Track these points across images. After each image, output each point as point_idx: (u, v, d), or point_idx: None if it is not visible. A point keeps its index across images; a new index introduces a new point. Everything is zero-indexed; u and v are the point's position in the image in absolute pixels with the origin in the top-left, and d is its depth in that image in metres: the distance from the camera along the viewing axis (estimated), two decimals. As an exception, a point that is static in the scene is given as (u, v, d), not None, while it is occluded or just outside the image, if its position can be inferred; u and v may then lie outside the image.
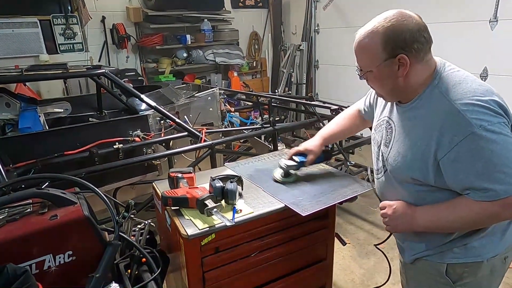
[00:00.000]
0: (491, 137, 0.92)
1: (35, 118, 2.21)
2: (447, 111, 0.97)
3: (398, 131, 1.12)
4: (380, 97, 1.20)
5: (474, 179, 0.94)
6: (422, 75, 1.04)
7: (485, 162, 0.93)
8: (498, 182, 0.92)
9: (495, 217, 0.99)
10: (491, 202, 0.94)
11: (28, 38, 4.12)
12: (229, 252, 1.22)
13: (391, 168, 1.14)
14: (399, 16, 1.00)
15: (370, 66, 1.05)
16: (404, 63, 1.00)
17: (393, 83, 1.05)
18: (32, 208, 1.07)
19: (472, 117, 0.93)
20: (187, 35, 4.96)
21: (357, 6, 4.81)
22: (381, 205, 1.18)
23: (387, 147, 1.15)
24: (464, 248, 1.09)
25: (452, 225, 1.05)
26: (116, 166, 1.93)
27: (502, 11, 3.59)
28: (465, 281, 1.12)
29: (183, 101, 2.72)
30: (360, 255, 2.68)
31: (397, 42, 0.98)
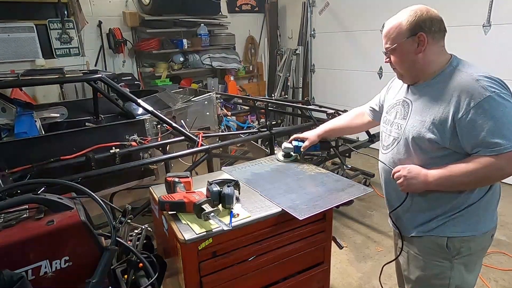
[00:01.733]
0: (502, 101, 1.11)
1: (31, 123, 2.20)
2: (464, 80, 1.17)
3: (416, 105, 1.28)
4: (400, 78, 1.36)
5: (486, 134, 1.10)
6: (439, 58, 1.25)
7: (495, 120, 1.09)
8: (505, 138, 1.08)
9: (499, 171, 1.12)
10: (498, 156, 1.09)
11: (24, 42, 4.12)
12: (227, 257, 1.22)
13: (408, 135, 1.27)
14: (422, 9, 1.23)
15: (394, 43, 1.25)
16: (422, 40, 1.20)
17: (413, 59, 1.24)
18: (28, 213, 1.07)
19: (487, 85, 1.12)
20: (184, 39, 4.97)
21: (353, 11, 4.85)
22: (396, 169, 1.29)
23: (405, 119, 1.30)
24: (464, 222, 1.25)
25: (462, 179, 1.17)
26: (113, 171, 1.92)
27: (495, 16, 3.64)
28: (462, 255, 1.28)
29: (180, 105, 2.72)
30: (357, 259, 2.68)
31: (419, 23, 1.20)
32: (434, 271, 1.33)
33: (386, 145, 1.40)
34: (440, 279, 1.33)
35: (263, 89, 6.29)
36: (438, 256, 1.31)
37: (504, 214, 3.21)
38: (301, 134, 1.73)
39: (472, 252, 1.29)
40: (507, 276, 2.42)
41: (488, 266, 2.52)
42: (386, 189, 1.44)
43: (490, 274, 2.45)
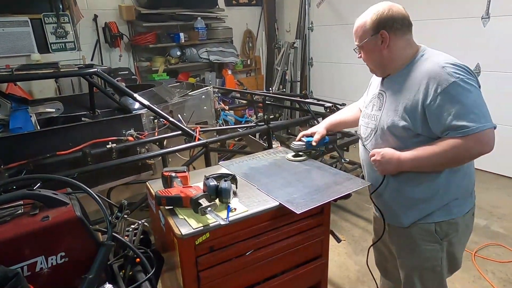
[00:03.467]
0: (467, 86, 1.18)
1: (26, 118, 2.19)
2: (431, 67, 1.23)
3: (389, 95, 1.37)
4: (372, 72, 1.45)
5: (453, 118, 1.17)
6: (405, 51, 1.32)
7: (461, 105, 1.16)
8: (471, 121, 1.15)
9: (467, 151, 1.19)
10: (466, 137, 1.16)
11: (19, 37, 4.08)
12: (224, 251, 1.21)
13: (383, 124, 1.34)
14: (385, 6, 1.30)
15: (361, 42, 1.35)
16: (385, 37, 1.29)
17: (380, 55, 1.33)
18: (23, 209, 1.06)
19: (452, 71, 1.19)
20: (181, 33, 4.93)
21: (351, 3, 4.81)
22: (371, 153, 1.37)
23: (380, 110, 1.38)
24: (447, 207, 1.35)
25: (433, 160, 1.25)
26: (110, 166, 1.92)
27: (494, 8, 3.62)
28: (449, 237, 1.38)
29: (177, 99, 2.71)
30: (355, 252, 2.69)
31: (381, 23, 1.29)
32: (426, 255, 1.41)
33: (365, 137, 1.48)
34: (432, 261, 1.42)
35: (261, 83, 6.27)
36: (428, 241, 1.39)
37: (500, 206, 3.22)
38: (307, 131, 1.70)
39: (459, 232, 1.39)
40: (505, 268, 2.44)
41: (486, 258, 2.53)
42: (368, 175, 1.53)
43: (487, 266, 2.46)
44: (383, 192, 1.44)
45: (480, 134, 1.16)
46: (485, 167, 3.93)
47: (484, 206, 3.24)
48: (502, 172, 3.82)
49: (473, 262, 2.49)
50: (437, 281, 1.46)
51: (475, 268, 2.44)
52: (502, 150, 4.12)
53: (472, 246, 2.66)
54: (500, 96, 3.70)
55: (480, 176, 3.78)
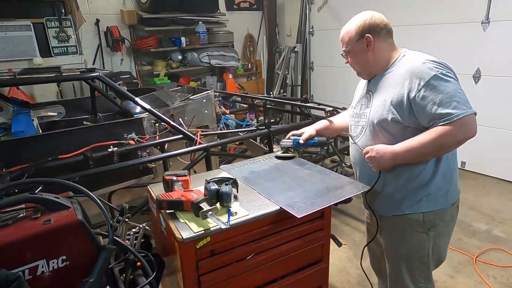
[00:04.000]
0: (447, 78, 1.28)
1: (28, 122, 2.20)
2: (413, 64, 1.34)
3: (376, 93, 1.45)
4: (359, 75, 1.56)
5: (437, 107, 1.25)
6: (389, 53, 1.43)
7: (443, 94, 1.26)
8: (454, 108, 1.24)
9: (453, 137, 1.26)
10: (450, 124, 1.24)
11: (22, 41, 4.10)
12: (225, 255, 1.21)
13: (373, 120, 1.41)
14: (369, 14, 1.43)
15: (348, 46, 1.45)
16: (370, 41, 1.40)
17: (365, 57, 1.43)
18: (25, 213, 1.07)
19: (432, 66, 1.29)
20: (182, 37, 4.96)
21: (352, 8, 4.82)
22: (364, 151, 1.42)
23: (368, 108, 1.47)
24: (434, 197, 1.41)
25: (423, 150, 1.31)
26: (111, 170, 1.92)
27: (494, 13, 3.63)
28: (436, 227, 1.44)
29: (178, 103, 2.72)
30: (356, 256, 2.68)
31: (365, 27, 1.40)
32: (414, 244, 1.47)
33: (355, 135, 1.54)
34: (420, 251, 1.48)
35: (262, 87, 6.28)
36: (416, 231, 1.45)
37: (502, 210, 3.21)
38: (298, 131, 1.76)
39: (445, 223, 1.47)
40: (506, 273, 2.43)
41: (487, 263, 2.52)
42: (360, 173, 1.56)
43: (489, 271, 2.45)
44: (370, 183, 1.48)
45: (463, 120, 1.24)
46: (487, 171, 3.92)
47: (485, 210, 3.23)
48: (503, 176, 3.81)
49: (475, 267, 2.49)
50: (424, 273, 1.51)
51: (476, 273, 2.43)
52: (504, 154, 4.14)
53: (473, 250, 2.66)
54: (500, 100, 3.70)
55: (482, 180, 3.79)
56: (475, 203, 3.35)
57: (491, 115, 3.70)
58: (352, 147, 1.58)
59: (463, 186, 1.49)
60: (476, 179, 3.90)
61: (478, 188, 3.66)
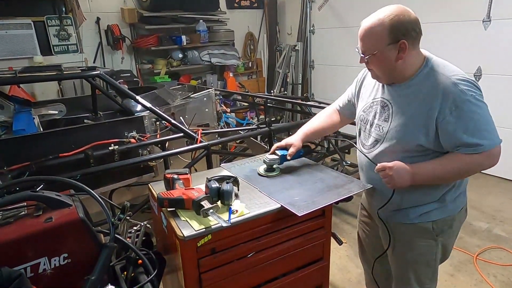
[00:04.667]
0: (479, 103, 1.20)
1: (29, 120, 2.20)
2: (443, 83, 1.21)
3: (396, 107, 1.32)
4: (375, 78, 1.38)
5: (467, 136, 1.19)
6: (415, 61, 1.27)
7: (474, 123, 1.19)
8: (484, 138, 1.19)
9: (479, 166, 1.24)
10: (478, 154, 1.20)
11: (22, 39, 4.09)
12: (226, 253, 1.21)
13: (392, 138, 1.31)
14: (401, 10, 1.21)
15: (375, 50, 1.23)
16: (404, 48, 1.21)
17: (392, 65, 1.25)
18: (26, 210, 1.07)
19: (465, 89, 1.19)
20: (183, 36, 4.95)
21: (352, 6, 4.83)
22: (380, 166, 1.29)
23: (386, 122, 1.34)
24: (444, 206, 1.37)
25: (445, 175, 1.28)
26: (112, 168, 1.92)
27: (495, 11, 3.62)
28: (444, 233, 1.41)
29: (179, 102, 2.72)
30: (356, 255, 2.66)
31: (401, 30, 1.20)
32: (422, 251, 1.44)
33: (368, 144, 1.44)
34: (427, 256, 1.45)
35: (263, 85, 6.28)
36: (424, 237, 1.42)
37: (503, 210, 3.21)
38: (282, 142, 1.60)
39: (453, 228, 1.43)
40: (506, 271, 2.43)
41: (488, 262, 2.52)
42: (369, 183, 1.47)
43: (489, 269, 2.45)
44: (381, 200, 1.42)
45: (491, 151, 1.20)
46: (488, 170, 3.88)
47: (486, 209, 3.23)
48: (505, 175, 3.81)
49: (475, 265, 2.49)
50: (430, 274, 1.50)
51: (477, 272, 2.43)
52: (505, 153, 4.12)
53: (474, 249, 2.66)
54: (502, 99, 3.70)
55: (483, 180, 3.79)
56: (476, 202, 3.35)
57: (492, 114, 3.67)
58: (360, 154, 1.49)
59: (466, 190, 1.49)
60: (478, 178, 3.89)
61: (480, 187, 3.65)
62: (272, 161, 1.54)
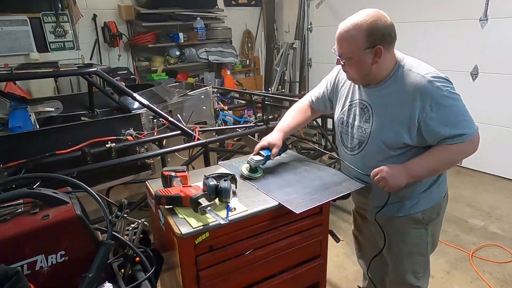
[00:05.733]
0: (455, 97, 1.26)
1: (25, 117, 2.18)
2: (419, 81, 1.26)
3: (376, 108, 1.36)
4: (351, 80, 1.42)
5: (449, 129, 1.25)
6: (390, 63, 1.32)
7: (454, 115, 1.26)
8: (464, 128, 1.26)
9: (464, 153, 1.31)
10: (463, 143, 1.26)
11: (18, 36, 4.06)
12: (224, 251, 1.22)
13: (376, 138, 1.36)
14: (378, 15, 1.24)
15: (352, 54, 1.27)
16: (379, 52, 1.25)
17: (368, 68, 1.29)
18: (23, 208, 1.06)
19: (440, 85, 1.24)
20: (180, 33, 4.93)
21: (350, 4, 4.83)
22: (373, 173, 1.34)
23: (367, 123, 1.39)
24: (430, 195, 1.45)
25: (438, 167, 1.36)
26: (109, 165, 1.91)
27: (492, 10, 3.64)
28: (432, 221, 1.49)
29: (176, 99, 2.71)
30: (353, 252, 2.68)
31: (377, 36, 1.23)
32: (415, 241, 1.51)
33: (351, 147, 1.49)
34: (420, 245, 1.52)
35: (260, 83, 6.27)
36: (416, 228, 1.49)
37: (499, 207, 3.24)
38: (264, 142, 1.57)
39: (440, 216, 1.52)
40: (501, 268, 2.45)
41: (483, 259, 2.54)
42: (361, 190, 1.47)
43: (485, 267, 2.47)
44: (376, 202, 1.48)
45: (472, 138, 1.28)
46: (484, 168, 3.94)
47: (482, 207, 3.25)
48: (501, 173, 3.83)
49: (471, 263, 2.51)
50: (423, 263, 1.57)
51: (472, 269, 2.45)
52: (501, 151, 4.16)
53: (469, 246, 2.68)
54: (498, 97, 3.72)
55: (479, 177, 3.81)
56: (472, 200, 3.37)
57: (488, 112, 3.71)
58: (347, 157, 1.51)
59: (460, 183, 1.53)
60: (473, 176, 3.92)
61: (475, 185, 3.68)
62: (258, 162, 1.50)
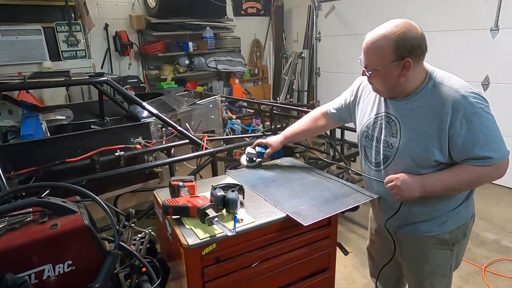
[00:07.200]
0: (487, 116, 1.19)
1: (37, 125, 2.22)
2: (451, 96, 1.19)
3: (404, 122, 1.29)
4: (376, 92, 1.36)
5: (478, 149, 1.19)
6: (419, 76, 1.25)
7: (484, 135, 1.18)
8: (494, 151, 1.19)
9: (488, 177, 1.24)
10: (488, 166, 1.20)
11: (32, 45, 4.17)
12: (230, 262, 1.20)
13: (404, 153, 1.29)
14: (407, 26, 1.18)
15: (379, 65, 1.22)
16: (408, 65, 1.19)
17: (395, 81, 1.23)
18: (32, 216, 1.07)
19: (474, 101, 1.18)
20: (190, 42, 4.99)
21: (359, 14, 4.84)
22: (388, 178, 1.30)
23: (395, 138, 1.32)
24: (458, 214, 1.37)
25: (456, 186, 1.28)
26: (117, 174, 1.93)
27: (503, 20, 3.60)
28: (459, 242, 1.42)
29: (185, 108, 2.73)
30: (362, 264, 2.65)
31: (406, 47, 1.17)
32: (439, 262, 1.44)
33: (376, 162, 1.41)
34: (444, 267, 1.45)
35: (268, 92, 6.29)
36: (441, 249, 1.41)
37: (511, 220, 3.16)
38: (264, 140, 1.72)
39: (466, 237, 1.45)
40: (515, 284, 2.38)
41: (497, 274, 2.47)
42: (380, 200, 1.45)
43: (498, 282, 2.40)
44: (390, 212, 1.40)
45: (500, 163, 1.21)
46: (498, 181, 3.85)
47: (495, 220, 3.18)
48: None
49: (483, 277, 2.44)
50: (445, 284, 1.51)
51: (485, 284, 2.39)
52: (513, 163, 4.09)
53: (482, 261, 2.61)
54: (510, 107, 3.66)
55: (491, 190, 3.73)
56: (485, 213, 3.29)
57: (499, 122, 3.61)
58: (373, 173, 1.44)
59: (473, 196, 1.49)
60: (486, 188, 3.80)
61: (488, 197, 3.60)
62: (250, 154, 1.71)
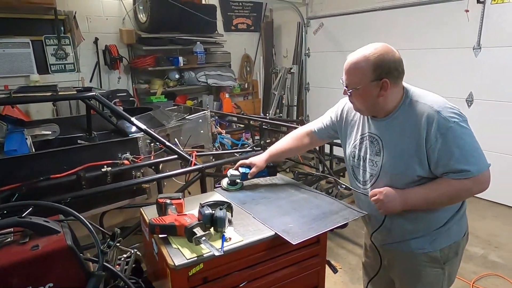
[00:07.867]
0: (463, 130, 1.22)
1: (21, 140, 2.17)
2: (427, 112, 1.24)
3: (386, 140, 1.35)
4: (357, 111, 1.42)
5: (454, 163, 1.21)
6: (396, 96, 1.31)
7: (460, 149, 1.21)
8: (471, 164, 1.20)
9: (468, 191, 1.25)
10: (467, 179, 1.21)
11: (19, 58, 4.12)
12: (218, 282, 1.18)
13: (387, 171, 1.33)
14: (386, 49, 1.25)
15: (358, 85, 1.28)
16: (385, 86, 1.25)
17: (374, 100, 1.29)
18: (13, 237, 1.04)
19: (447, 116, 1.21)
20: (180, 57, 5.01)
21: (347, 31, 4.95)
22: (372, 192, 1.34)
23: (378, 156, 1.36)
24: (448, 231, 1.39)
25: (437, 200, 1.30)
26: (104, 191, 1.89)
27: (484, 39, 3.74)
28: (450, 260, 1.42)
29: (174, 123, 2.71)
30: (351, 281, 2.63)
31: (384, 69, 1.24)
32: (430, 280, 1.44)
33: (363, 180, 1.45)
34: (434, 285, 1.45)
35: (258, 106, 6.33)
36: (432, 267, 1.42)
37: (498, 234, 3.20)
38: (247, 160, 1.69)
39: (458, 255, 1.45)
40: (503, 299, 2.39)
41: (484, 289, 2.49)
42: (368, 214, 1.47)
43: (486, 297, 2.41)
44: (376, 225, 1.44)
45: (479, 176, 1.22)
46: (481, 195, 3.91)
47: (481, 234, 3.22)
48: (498, 200, 3.82)
49: (472, 293, 2.45)
50: None
51: (473, 300, 2.39)
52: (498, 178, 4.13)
53: (470, 276, 2.63)
54: (493, 124, 3.75)
55: (476, 204, 3.79)
56: (471, 227, 3.24)
57: (484, 138, 3.70)
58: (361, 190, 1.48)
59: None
60: (470, 202, 3.85)
61: (473, 211, 3.63)
62: (233, 177, 1.65)
